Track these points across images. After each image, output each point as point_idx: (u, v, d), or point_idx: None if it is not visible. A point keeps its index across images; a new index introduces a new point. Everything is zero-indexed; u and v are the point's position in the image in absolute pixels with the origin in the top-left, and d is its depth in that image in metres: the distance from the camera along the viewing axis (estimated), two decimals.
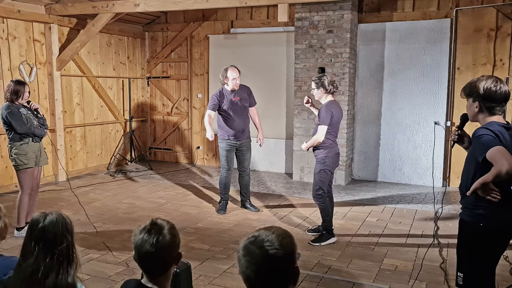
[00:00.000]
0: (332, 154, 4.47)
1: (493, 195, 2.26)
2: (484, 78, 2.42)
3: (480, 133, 2.33)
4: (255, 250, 1.46)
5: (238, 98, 5.45)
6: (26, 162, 4.54)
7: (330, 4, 6.78)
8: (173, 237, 1.82)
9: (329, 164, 4.46)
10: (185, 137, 8.89)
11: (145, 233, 1.77)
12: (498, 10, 6.42)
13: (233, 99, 5.41)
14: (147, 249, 1.75)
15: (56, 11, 6.81)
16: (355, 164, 7.51)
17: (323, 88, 4.43)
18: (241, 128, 5.50)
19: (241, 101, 5.50)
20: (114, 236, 4.63)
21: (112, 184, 7.03)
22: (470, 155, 2.50)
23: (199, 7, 6.33)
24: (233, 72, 5.33)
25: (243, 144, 5.57)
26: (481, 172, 2.30)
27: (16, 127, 4.46)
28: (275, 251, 1.46)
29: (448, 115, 6.85)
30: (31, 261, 1.75)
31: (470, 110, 2.50)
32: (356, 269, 3.92)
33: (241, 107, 5.50)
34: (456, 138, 2.69)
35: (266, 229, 1.54)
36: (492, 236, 2.43)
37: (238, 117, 5.47)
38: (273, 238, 1.48)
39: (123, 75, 8.50)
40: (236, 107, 5.44)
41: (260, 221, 5.23)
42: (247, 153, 5.65)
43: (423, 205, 5.93)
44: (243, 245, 1.51)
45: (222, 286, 3.58)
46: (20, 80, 4.64)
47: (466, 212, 2.51)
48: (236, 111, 5.45)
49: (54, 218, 1.81)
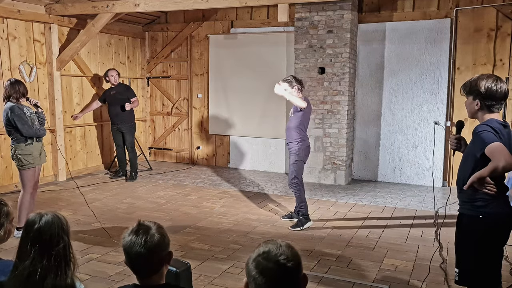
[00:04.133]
0: (304, 147, 4.92)
1: (489, 188, 2.38)
2: (485, 77, 2.47)
3: (480, 129, 2.41)
4: (272, 266, 1.45)
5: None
6: (32, 162, 4.57)
7: (330, 4, 6.78)
8: (162, 236, 1.81)
9: (301, 155, 4.92)
10: (185, 137, 8.89)
11: (133, 235, 1.77)
12: (498, 10, 6.42)
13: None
14: (136, 250, 1.74)
15: (56, 11, 6.81)
16: (355, 164, 7.51)
17: (291, 88, 4.82)
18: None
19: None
20: (114, 236, 4.63)
21: (112, 184, 7.03)
22: (468, 151, 2.57)
23: (199, 7, 6.32)
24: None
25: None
26: (479, 167, 2.39)
27: (23, 130, 4.46)
28: (292, 263, 1.46)
29: (448, 115, 6.85)
30: (27, 263, 1.74)
31: (470, 108, 2.55)
32: (356, 269, 3.91)
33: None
34: (456, 146, 2.75)
35: (271, 243, 1.53)
36: (491, 227, 2.48)
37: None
38: (285, 250, 1.49)
39: (123, 75, 8.49)
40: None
41: (260, 221, 5.23)
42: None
43: (423, 205, 5.93)
44: (256, 262, 1.48)
45: (222, 286, 3.57)
46: (19, 80, 4.63)
47: (465, 206, 2.56)
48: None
49: (50, 219, 1.80)
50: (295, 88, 4.84)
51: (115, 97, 7.23)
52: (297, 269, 1.49)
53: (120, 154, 7.51)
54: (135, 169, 7.36)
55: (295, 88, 4.84)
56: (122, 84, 7.52)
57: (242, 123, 8.26)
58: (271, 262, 1.45)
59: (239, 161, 8.42)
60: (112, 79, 7.23)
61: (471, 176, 2.39)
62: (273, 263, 1.45)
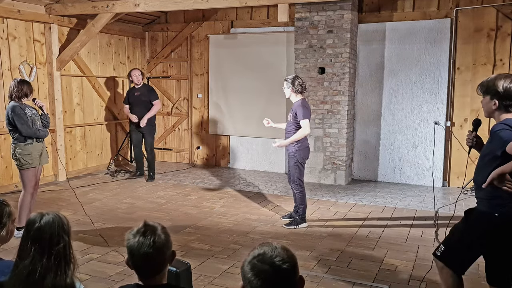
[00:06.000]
0: (302, 148, 4.95)
1: (509, 186, 2.36)
2: (502, 77, 2.49)
3: (499, 128, 2.43)
4: (267, 268, 1.44)
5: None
6: (31, 162, 4.56)
7: (330, 4, 6.78)
8: (167, 236, 1.84)
9: (299, 156, 4.95)
10: (185, 137, 8.89)
11: (140, 235, 1.77)
12: (498, 10, 6.42)
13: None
14: (145, 251, 1.75)
15: (56, 11, 6.81)
16: (355, 164, 7.51)
17: (292, 86, 4.93)
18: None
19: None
20: (114, 236, 4.63)
21: (112, 184, 7.03)
22: (486, 150, 2.58)
23: (199, 7, 6.32)
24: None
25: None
26: (499, 165, 2.38)
27: (22, 130, 4.47)
28: (287, 265, 1.45)
29: (448, 115, 6.85)
30: (27, 262, 1.75)
31: (487, 107, 2.57)
32: (356, 269, 3.92)
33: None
34: (473, 143, 2.77)
35: (266, 245, 1.51)
36: (504, 228, 2.49)
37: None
38: (280, 252, 1.47)
39: (123, 75, 8.50)
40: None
41: (260, 221, 5.23)
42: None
43: (423, 205, 5.93)
44: (252, 265, 1.46)
45: (222, 286, 3.57)
46: (24, 79, 4.67)
47: (483, 203, 2.58)
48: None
49: (51, 219, 1.81)
50: (291, 88, 4.97)
51: (139, 98, 7.17)
52: (293, 271, 1.47)
53: (137, 155, 7.47)
54: (153, 170, 7.35)
55: (291, 88, 4.97)
56: (145, 85, 7.45)
57: (242, 123, 8.26)
58: (266, 264, 1.44)
59: (239, 161, 8.42)
60: (135, 79, 7.17)
61: (492, 173, 2.38)
62: (268, 265, 1.43)
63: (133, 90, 7.31)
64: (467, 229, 2.66)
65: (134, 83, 7.24)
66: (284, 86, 5.04)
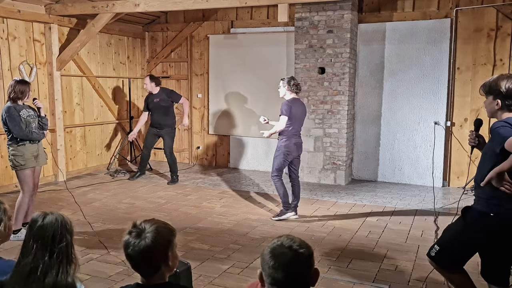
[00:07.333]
0: (290, 144, 5.14)
1: (507, 187, 2.35)
2: (505, 77, 2.51)
3: (497, 125, 2.44)
4: (286, 251, 1.59)
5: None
6: (23, 163, 4.50)
7: (330, 4, 6.78)
8: (156, 236, 1.83)
9: (285, 151, 5.14)
10: (185, 137, 8.89)
11: (127, 235, 1.82)
12: (498, 10, 6.43)
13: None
14: (131, 250, 1.79)
15: (56, 11, 6.80)
16: (355, 164, 7.51)
17: (288, 86, 5.17)
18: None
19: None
20: (114, 236, 4.63)
21: (112, 184, 7.03)
22: (486, 149, 2.59)
23: (199, 7, 6.32)
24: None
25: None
26: (498, 163, 2.38)
27: (13, 131, 4.44)
28: (304, 250, 1.60)
29: (448, 115, 6.85)
30: (29, 259, 1.76)
31: (490, 107, 2.59)
32: (356, 269, 3.92)
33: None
34: (476, 143, 2.79)
35: (286, 236, 1.67)
36: (499, 228, 2.49)
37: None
38: (297, 240, 1.64)
39: (123, 75, 8.50)
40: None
41: (260, 221, 5.23)
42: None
43: (423, 205, 5.93)
44: (270, 249, 1.61)
45: (222, 286, 3.57)
46: (23, 79, 4.64)
47: (480, 202, 2.59)
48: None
49: (54, 218, 1.82)
50: (286, 87, 5.20)
51: (158, 104, 7.01)
52: (309, 257, 1.61)
53: (145, 156, 7.34)
54: (176, 173, 7.17)
55: (286, 87, 5.20)
56: (163, 89, 7.17)
57: (242, 123, 8.26)
58: (285, 248, 1.59)
59: (239, 161, 8.42)
60: (147, 88, 7.05)
61: (490, 171, 2.37)
62: (287, 248, 1.59)
63: (151, 96, 7.09)
64: (462, 227, 2.67)
65: (148, 90, 7.10)
66: (280, 85, 5.24)
